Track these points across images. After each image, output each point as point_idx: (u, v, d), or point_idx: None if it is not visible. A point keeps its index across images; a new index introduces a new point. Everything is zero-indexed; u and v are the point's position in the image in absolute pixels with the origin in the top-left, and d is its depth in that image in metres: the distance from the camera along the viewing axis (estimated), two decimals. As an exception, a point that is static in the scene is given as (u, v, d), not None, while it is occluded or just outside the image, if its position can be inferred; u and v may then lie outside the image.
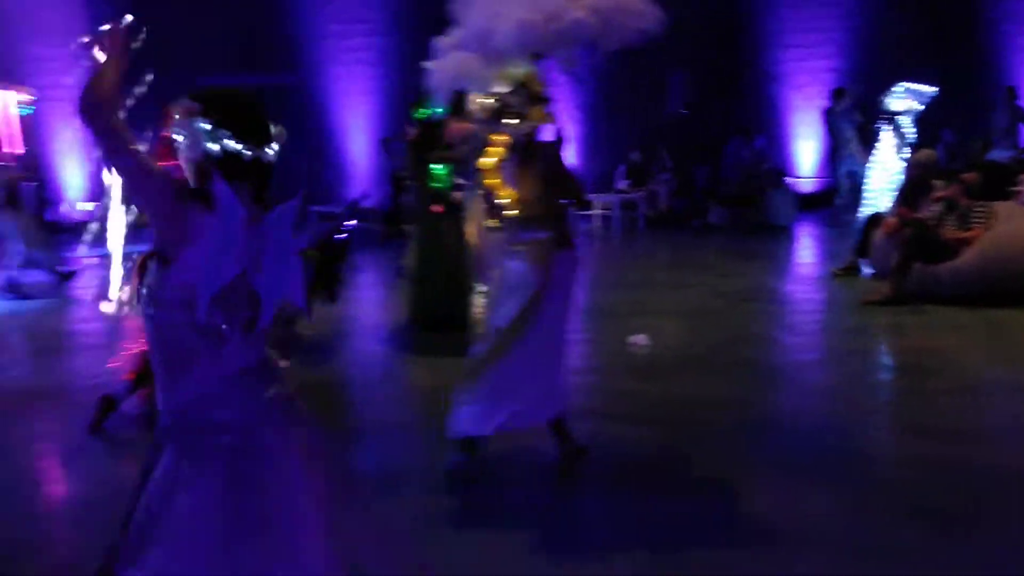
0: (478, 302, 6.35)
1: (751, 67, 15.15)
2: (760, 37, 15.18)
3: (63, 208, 15.11)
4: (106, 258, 7.22)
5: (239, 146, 2.09)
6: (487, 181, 4.17)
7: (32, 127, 12.92)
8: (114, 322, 6.56)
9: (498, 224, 4.19)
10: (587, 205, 10.12)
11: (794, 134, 15.37)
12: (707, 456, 4.30)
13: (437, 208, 6.72)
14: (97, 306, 7.20)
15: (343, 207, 6.12)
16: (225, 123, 2.08)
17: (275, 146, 2.18)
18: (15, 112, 11.35)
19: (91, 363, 6.24)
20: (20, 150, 11.28)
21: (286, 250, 2.11)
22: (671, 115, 14.89)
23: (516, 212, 4.04)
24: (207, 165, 2.08)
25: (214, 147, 2.07)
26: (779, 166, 14.58)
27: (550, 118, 4.14)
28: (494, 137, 4.09)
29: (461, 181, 6.54)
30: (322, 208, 11.82)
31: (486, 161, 4.13)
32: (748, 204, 13.68)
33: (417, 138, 6.78)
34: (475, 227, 7.28)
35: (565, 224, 4.15)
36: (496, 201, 4.13)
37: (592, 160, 14.79)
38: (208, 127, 2.07)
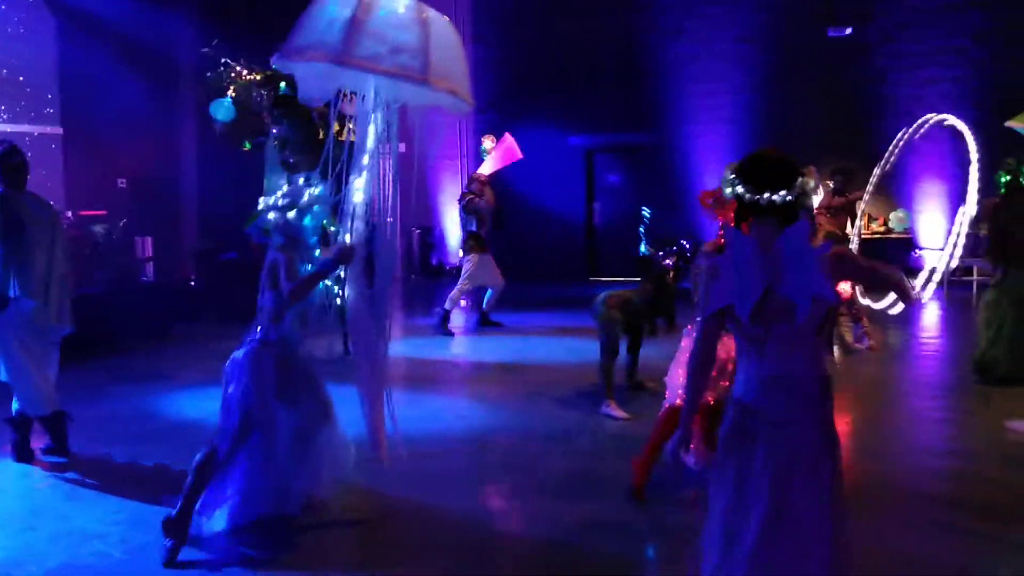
0: None
1: None
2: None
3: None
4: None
5: (743, 191, 2.61)
6: None
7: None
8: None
9: None
10: None
11: None
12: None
13: None
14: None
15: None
16: (740, 176, 2.63)
17: (789, 191, 2.58)
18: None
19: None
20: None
21: (803, 258, 2.57)
22: None
23: None
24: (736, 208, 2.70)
25: (731, 192, 2.65)
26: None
27: None
28: None
29: None
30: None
31: None
32: None
33: (1002, 204, 7.11)
34: None
35: None
36: None
37: None
38: (729, 177, 2.66)
